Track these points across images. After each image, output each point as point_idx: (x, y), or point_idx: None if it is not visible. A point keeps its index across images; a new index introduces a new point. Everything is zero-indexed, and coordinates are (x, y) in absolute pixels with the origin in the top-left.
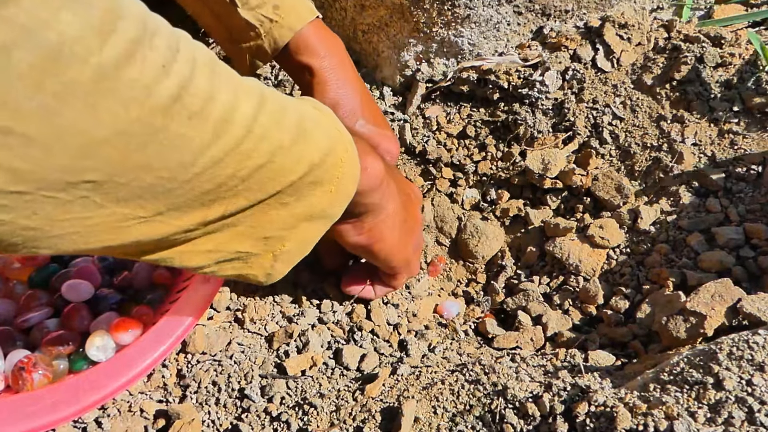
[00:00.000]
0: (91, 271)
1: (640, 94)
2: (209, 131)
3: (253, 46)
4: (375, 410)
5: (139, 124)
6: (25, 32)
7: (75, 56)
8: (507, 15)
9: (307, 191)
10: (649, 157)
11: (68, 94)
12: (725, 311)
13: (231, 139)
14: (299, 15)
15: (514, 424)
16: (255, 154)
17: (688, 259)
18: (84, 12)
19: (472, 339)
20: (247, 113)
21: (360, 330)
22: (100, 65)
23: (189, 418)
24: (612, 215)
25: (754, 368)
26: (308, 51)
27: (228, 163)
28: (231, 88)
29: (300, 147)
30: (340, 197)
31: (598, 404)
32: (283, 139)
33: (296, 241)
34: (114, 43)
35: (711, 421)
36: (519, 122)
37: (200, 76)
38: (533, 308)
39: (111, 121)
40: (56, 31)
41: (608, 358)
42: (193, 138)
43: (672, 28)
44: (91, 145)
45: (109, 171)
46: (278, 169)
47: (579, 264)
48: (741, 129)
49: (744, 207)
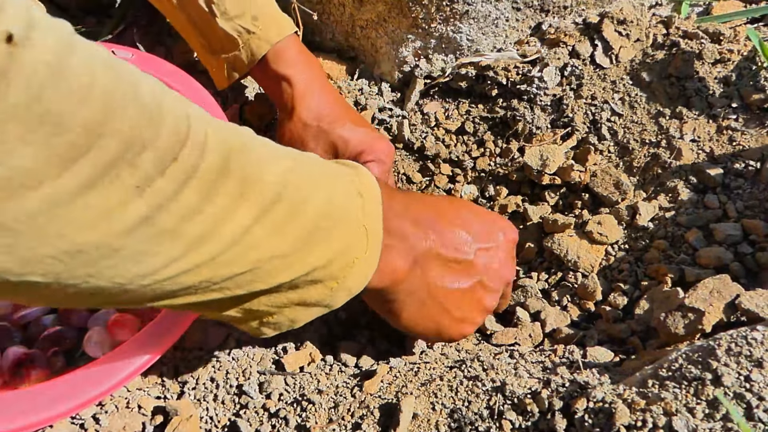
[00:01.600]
0: None
1: (639, 91)
2: (179, 248)
3: (231, 57)
4: (373, 407)
5: (92, 246)
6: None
7: (24, 187)
8: (505, 11)
9: (304, 286)
10: (647, 154)
11: (16, 221)
12: (723, 307)
13: (206, 253)
14: (279, 28)
15: (512, 420)
16: (237, 264)
17: (686, 255)
18: (44, 142)
19: (471, 335)
20: (241, 225)
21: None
22: (52, 194)
23: (187, 414)
24: (610, 211)
25: (753, 364)
26: (287, 62)
27: (200, 272)
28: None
29: (303, 255)
30: (343, 293)
31: (596, 400)
32: (282, 247)
33: (286, 318)
34: (76, 171)
35: (709, 417)
36: (517, 118)
37: (192, 191)
38: (531, 304)
39: (59, 243)
40: (7, 165)
41: (607, 355)
42: (158, 253)
43: (671, 24)
44: (35, 259)
45: (54, 278)
46: (265, 275)
47: (577, 260)
48: (739, 125)
49: (742, 203)
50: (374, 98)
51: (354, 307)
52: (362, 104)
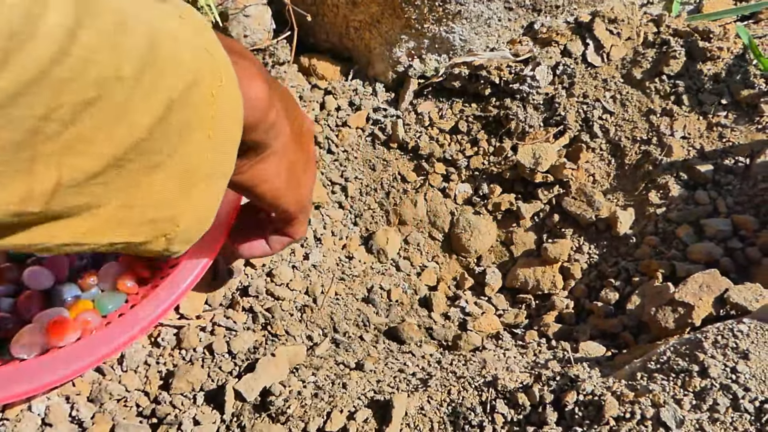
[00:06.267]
0: (61, 263)
1: (630, 89)
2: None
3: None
4: (367, 403)
5: None
6: None
7: None
8: (498, 11)
9: (178, 140)
10: (639, 151)
11: None
12: (713, 301)
13: (30, 61)
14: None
15: (504, 414)
16: (75, 85)
17: (677, 250)
18: None
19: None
20: (61, 24)
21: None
22: None
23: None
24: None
25: (739, 356)
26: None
27: (33, 100)
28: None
29: (149, 78)
30: (224, 143)
31: (586, 393)
32: (120, 65)
33: (192, 216)
34: None
35: (696, 407)
36: (510, 117)
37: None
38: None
39: None
40: None
41: (599, 349)
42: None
43: (661, 22)
44: None
45: None
46: (119, 109)
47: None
48: (729, 122)
49: (732, 199)
50: (369, 98)
51: None
52: (357, 104)
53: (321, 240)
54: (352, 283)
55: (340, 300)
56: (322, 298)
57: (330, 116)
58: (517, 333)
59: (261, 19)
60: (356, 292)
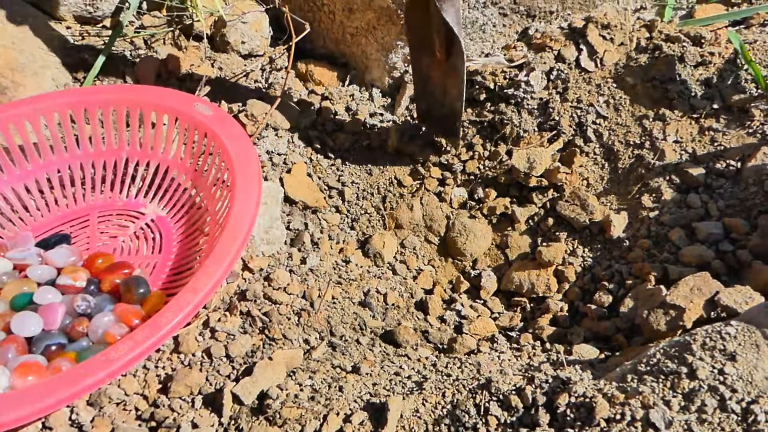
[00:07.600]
0: (54, 310)
1: (623, 93)
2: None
3: None
4: (362, 405)
5: None
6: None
7: None
8: (492, 17)
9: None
10: (632, 155)
11: None
12: (703, 304)
13: None
14: None
15: (498, 416)
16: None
17: (669, 253)
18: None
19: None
20: None
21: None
22: None
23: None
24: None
25: (726, 358)
26: None
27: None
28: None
29: None
30: None
31: (577, 395)
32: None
33: None
34: None
35: (685, 409)
36: (505, 122)
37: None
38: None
39: None
40: None
41: (592, 352)
42: None
43: (654, 28)
44: None
45: None
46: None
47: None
48: (721, 126)
49: (724, 202)
50: (365, 104)
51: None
52: (353, 109)
53: (318, 244)
54: (349, 286)
55: (337, 304)
56: (319, 302)
57: (327, 121)
58: (512, 336)
59: (258, 26)
60: (353, 295)
